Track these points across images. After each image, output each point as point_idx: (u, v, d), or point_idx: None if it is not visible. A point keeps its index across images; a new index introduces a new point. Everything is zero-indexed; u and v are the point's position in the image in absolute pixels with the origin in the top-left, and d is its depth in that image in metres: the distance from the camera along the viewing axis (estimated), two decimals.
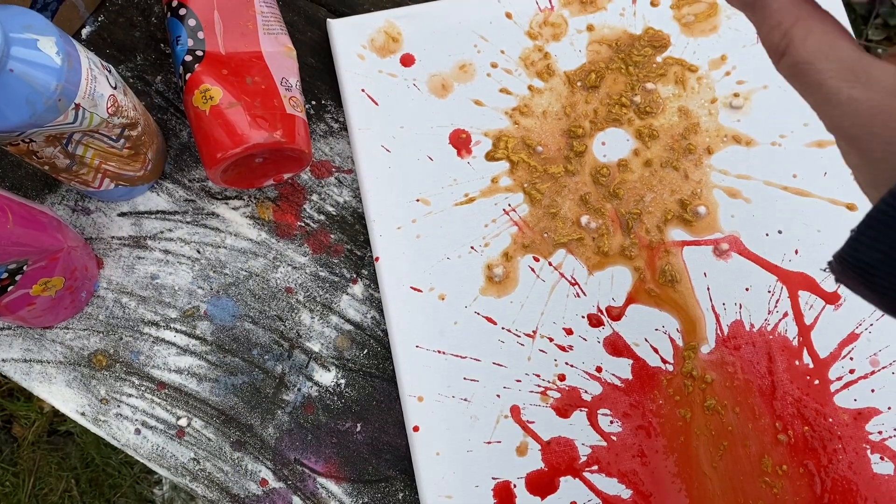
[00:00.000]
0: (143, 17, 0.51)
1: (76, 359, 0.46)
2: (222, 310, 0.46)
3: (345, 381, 0.45)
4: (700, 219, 0.46)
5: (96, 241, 0.47)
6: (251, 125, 0.42)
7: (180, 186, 0.48)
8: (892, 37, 1.10)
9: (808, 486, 0.43)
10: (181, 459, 0.44)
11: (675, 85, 0.49)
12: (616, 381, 0.44)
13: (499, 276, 0.45)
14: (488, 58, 0.49)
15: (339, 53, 0.48)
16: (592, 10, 0.50)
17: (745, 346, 0.44)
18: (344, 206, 0.48)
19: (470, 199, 0.47)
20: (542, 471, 0.43)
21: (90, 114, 0.38)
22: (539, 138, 0.48)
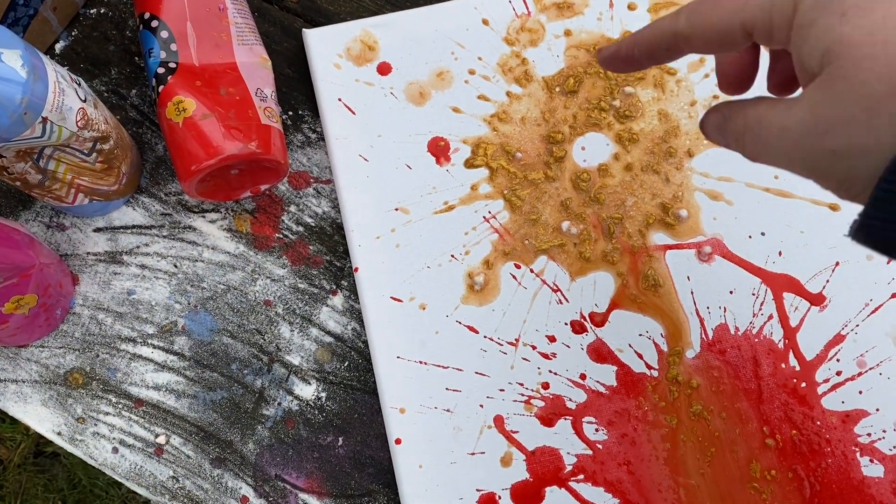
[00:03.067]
0: (117, 30, 0.50)
1: (52, 377, 0.45)
2: (200, 324, 0.46)
3: (326, 395, 0.45)
4: (682, 222, 0.46)
5: (72, 257, 0.46)
6: (225, 136, 0.42)
7: (156, 200, 0.48)
8: None
9: (797, 490, 0.42)
10: (160, 478, 0.44)
11: (654, 88, 0.48)
12: (601, 388, 0.44)
13: (480, 284, 0.45)
14: (466, 65, 0.49)
15: (315, 63, 0.48)
16: (569, 14, 0.50)
17: (730, 349, 0.44)
18: (322, 216, 0.47)
19: (449, 206, 0.46)
20: (528, 481, 0.42)
21: (59, 127, 0.37)
22: (518, 144, 0.47)
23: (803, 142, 0.23)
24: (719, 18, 0.25)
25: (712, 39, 0.26)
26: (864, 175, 0.21)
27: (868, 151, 0.21)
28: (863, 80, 0.20)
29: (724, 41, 0.26)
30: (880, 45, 0.20)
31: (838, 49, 0.21)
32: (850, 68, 0.21)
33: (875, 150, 0.21)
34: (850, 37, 0.20)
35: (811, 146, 0.22)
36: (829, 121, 0.21)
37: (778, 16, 0.23)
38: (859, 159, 0.21)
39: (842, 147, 0.21)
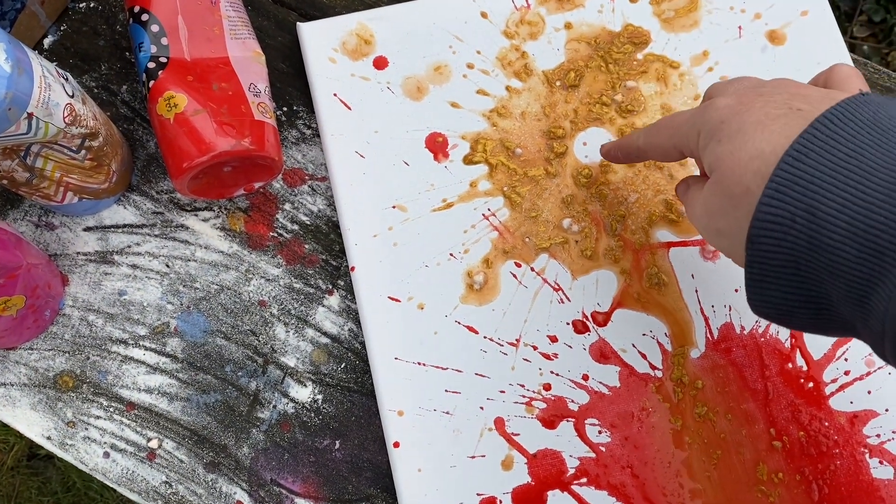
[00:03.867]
0: (107, 25, 0.49)
1: (41, 380, 0.44)
2: (193, 325, 0.45)
3: (322, 397, 0.44)
4: (686, 218, 0.45)
5: (61, 257, 0.45)
6: (217, 132, 0.41)
7: (148, 199, 0.46)
8: (877, 33, 1.09)
9: (805, 493, 0.41)
10: (152, 483, 0.42)
11: (656, 82, 0.47)
12: (603, 389, 0.42)
13: (479, 283, 0.44)
14: (464, 58, 0.47)
15: (309, 57, 0.47)
16: (570, 7, 0.48)
17: (735, 349, 0.43)
18: (318, 214, 0.46)
19: (448, 204, 0.45)
20: (529, 485, 0.41)
21: (45, 124, 0.36)
22: (518, 140, 0.46)
23: (702, 219, 0.32)
24: (661, 141, 0.36)
25: (660, 154, 0.37)
26: (736, 248, 0.29)
27: (735, 232, 0.29)
28: (727, 184, 0.29)
29: (666, 156, 0.36)
30: (736, 161, 0.28)
31: (715, 163, 0.30)
32: (722, 175, 0.29)
33: (739, 231, 0.29)
34: (721, 155, 0.29)
35: (706, 223, 0.32)
36: (714, 208, 0.30)
37: (692, 143, 0.33)
38: (732, 237, 0.30)
39: (722, 227, 0.30)
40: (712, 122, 0.31)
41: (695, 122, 0.32)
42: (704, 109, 0.32)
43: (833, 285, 0.26)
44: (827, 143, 0.26)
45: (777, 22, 0.48)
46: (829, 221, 0.25)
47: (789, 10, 0.48)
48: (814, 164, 0.26)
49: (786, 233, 0.26)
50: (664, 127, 0.36)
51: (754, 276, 0.28)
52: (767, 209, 0.27)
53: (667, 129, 0.35)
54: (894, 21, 1.05)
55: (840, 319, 0.27)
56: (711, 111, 0.31)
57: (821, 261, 0.26)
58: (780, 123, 0.28)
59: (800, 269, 0.27)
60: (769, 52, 0.48)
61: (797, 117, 0.28)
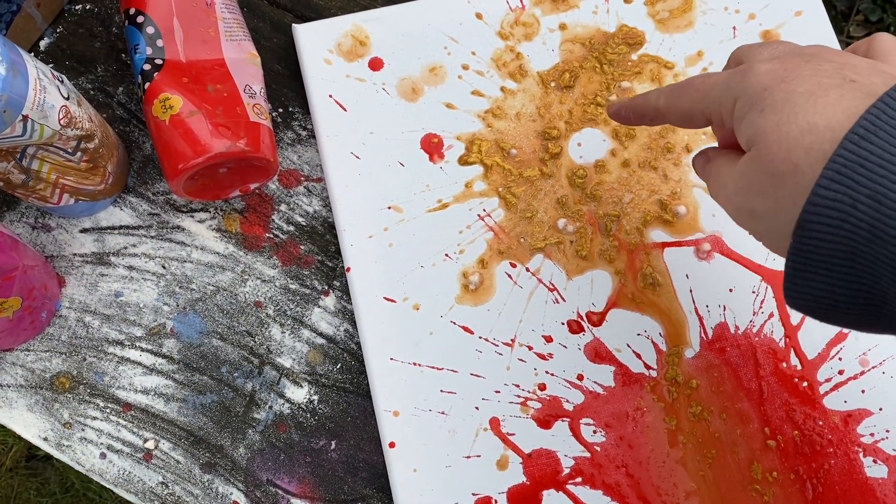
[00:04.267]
0: (103, 27, 0.49)
1: (38, 382, 0.44)
2: (189, 326, 0.45)
3: (318, 398, 0.44)
4: (680, 219, 0.45)
5: (58, 258, 0.45)
6: (213, 134, 0.41)
7: (144, 200, 0.47)
8: (873, 33, 1.09)
9: (799, 492, 0.41)
10: (149, 484, 0.43)
11: (651, 83, 0.47)
12: (598, 388, 0.43)
13: (475, 283, 0.44)
14: (459, 60, 0.48)
15: (305, 59, 0.47)
16: (564, 8, 0.49)
17: (730, 349, 0.43)
18: (314, 215, 0.46)
19: (443, 205, 0.45)
20: (524, 485, 0.41)
21: (41, 126, 0.36)
22: (513, 141, 0.46)
23: (735, 198, 0.29)
24: (686, 105, 0.32)
25: (682, 120, 0.33)
26: (775, 232, 0.27)
27: (776, 214, 0.27)
28: (771, 160, 0.26)
29: (691, 122, 0.32)
30: (783, 136, 0.26)
31: (757, 137, 0.27)
32: (764, 150, 0.26)
33: (779, 214, 0.26)
34: (764, 127, 0.26)
35: (740, 203, 0.29)
36: (751, 187, 0.28)
37: (724, 110, 0.29)
38: (769, 220, 0.27)
39: (759, 208, 0.27)
40: (753, 88, 0.27)
41: (731, 86, 0.29)
42: (743, 74, 0.28)
43: (893, 280, 0.24)
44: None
45: (771, 22, 0.48)
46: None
47: (783, 11, 0.49)
48: (883, 143, 0.23)
49: (844, 220, 0.24)
50: (690, 89, 0.32)
51: (798, 265, 0.26)
52: (825, 192, 0.24)
53: (694, 91, 0.31)
54: (891, 20, 1.05)
55: (890, 316, 0.25)
56: (752, 76, 0.28)
57: (882, 253, 0.24)
58: (835, 95, 0.25)
59: (856, 261, 0.24)
60: None
61: (853, 90, 0.25)
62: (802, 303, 0.27)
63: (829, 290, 0.26)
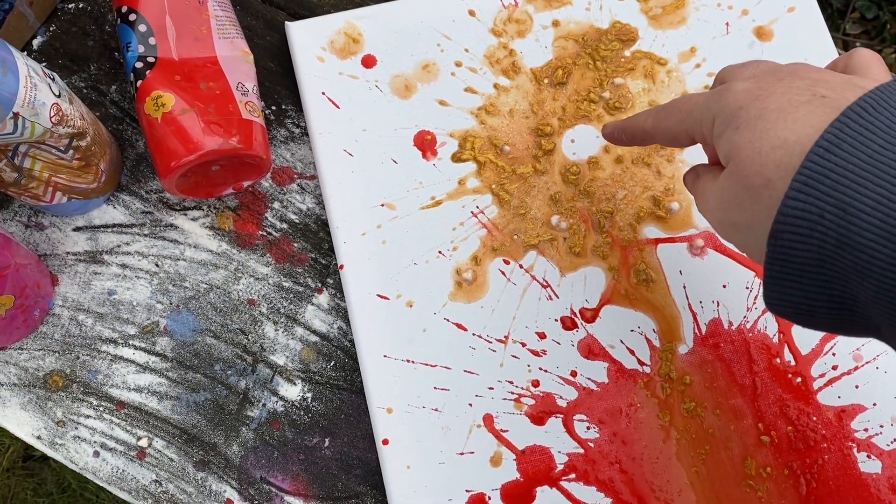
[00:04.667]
0: (96, 25, 0.49)
1: (31, 380, 0.44)
2: (182, 325, 0.45)
3: (311, 395, 0.44)
4: (674, 215, 0.45)
5: (51, 257, 0.45)
6: (205, 131, 0.41)
7: (137, 198, 0.47)
8: (870, 30, 1.09)
9: (793, 487, 0.41)
10: (142, 482, 0.43)
11: (644, 79, 0.47)
12: (592, 385, 0.43)
13: (468, 280, 0.44)
14: (452, 57, 0.48)
15: (297, 56, 0.47)
16: (558, 5, 0.49)
17: (724, 344, 0.43)
18: (307, 213, 0.46)
19: (436, 202, 0.45)
20: (518, 481, 0.41)
21: (31, 123, 0.36)
22: (506, 138, 0.46)
23: (717, 212, 0.30)
24: (671, 125, 0.34)
25: (669, 140, 0.35)
26: (753, 244, 0.28)
27: (752, 225, 0.28)
28: (745, 174, 0.27)
29: (676, 141, 0.34)
30: (756, 150, 0.27)
31: (733, 153, 0.28)
32: (740, 165, 0.28)
33: (756, 226, 0.27)
34: (739, 144, 0.28)
35: (721, 217, 0.30)
36: (730, 201, 0.29)
37: (705, 129, 0.31)
38: (748, 231, 0.28)
39: (737, 221, 0.29)
40: (729, 107, 0.29)
41: (709, 106, 0.30)
42: (721, 94, 0.30)
43: (861, 286, 0.25)
44: (860, 133, 0.25)
45: (764, 18, 0.48)
46: (861, 218, 0.24)
47: (776, 6, 0.49)
48: (846, 155, 0.24)
49: (812, 229, 0.25)
50: (674, 110, 0.34)
51: (774, 274, 0.27)
52: (794, 203, 0.25)
53: (677, 112, 0.33)
54: (886, 18, 1.05)
55: (864, 320, 0.26)
56: (728, 96, 0.29)
57: (849, 259, 0.24)
58: (805, 111, 0.26)
59: (825, 268, 0.25)
60: (756, 49, 0.48)
61: (822, 105, 0.26)
62: (781, 308, 0.28)
63: (804, 297, 0.27)
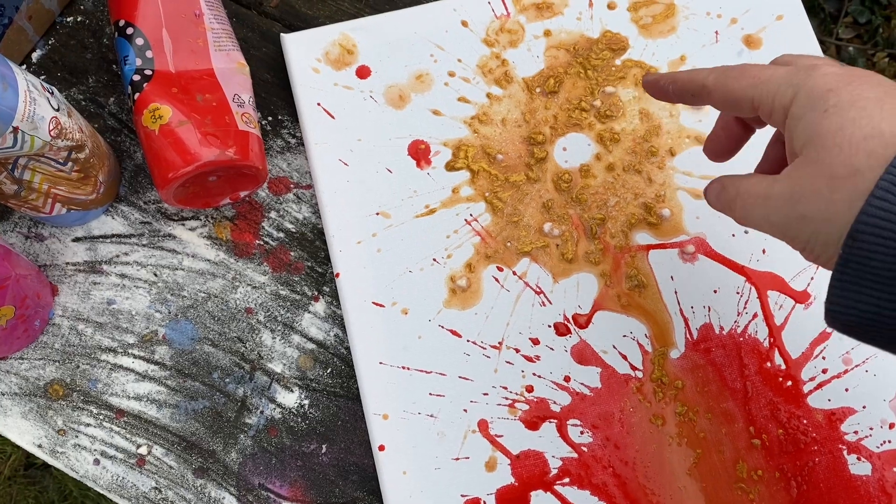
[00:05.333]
0: (94, 38, 0.50)
1: (32, 389, 0.44)
2: (181, 333, 0.45)
3: (308, 402, 0.44)
4: (665, 221, 0.46)
5: (50, 267, 0.46)
6: (202, 143, 0.41)
7: (135, 209, 0.47)
8: (862, 34, 1.10)
9: (784, 490, 0.42)
10: (142, 489, 0.43)
11: (635, 87, 0.48)
12: (585, 390, 0.43)
13: (462, 287, 0.45)
14: (445, 67, 0.48)
15: (293, 67, 0.48)
16: (549, 15, 0.49)
17: (715, 349, 0.44)
18: (303, 222, 0.47)
19: (431, 210, 0.46)
20: (513, 486, 0.42)
21: (31, 137, 0.37)
22: (499, 146, 0.47)
23: (780, 207, 0.28)
24: (738, 88, 0.31)
25: (728, 102, 0.32)
26: (823, 239, 0.26)
27: (828, 219, 0.26)
28: (830, 163, 0.25)
29: (736, 106, 0.31)
30: (846, 139, 0.25)
31: (817, 138, 0.26)
32: (823, 153, 0.26)
33: (833, 218, 0.25)
34: (826, 129, 0.26)
35: (786, 211, 0.27)
36: (803, 191, 0.26)
37: (778, 103, 0.28)
38: (821, 224, 0.26)
39: (809, 213, 0.26)
40: (818, 87, 0.27)
41: (793, 81, 0.28)
42: (808, 70, 0.28)
43: None
44: None
45: (753, 27, 0.49)
46: None
47: (765, 15, 0.49)
48: None
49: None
50: (747, 73, 0.31)
51: (846, 278, 0.25)
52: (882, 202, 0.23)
53: (750, 76, 0.30)
54: (879, 22, 1.06)
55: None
56: (817, 75, 0.27)
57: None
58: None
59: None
60: (745, 56, 0.49)
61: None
62: (844, 318, 0.26)
63: (875, 305, 0.25)
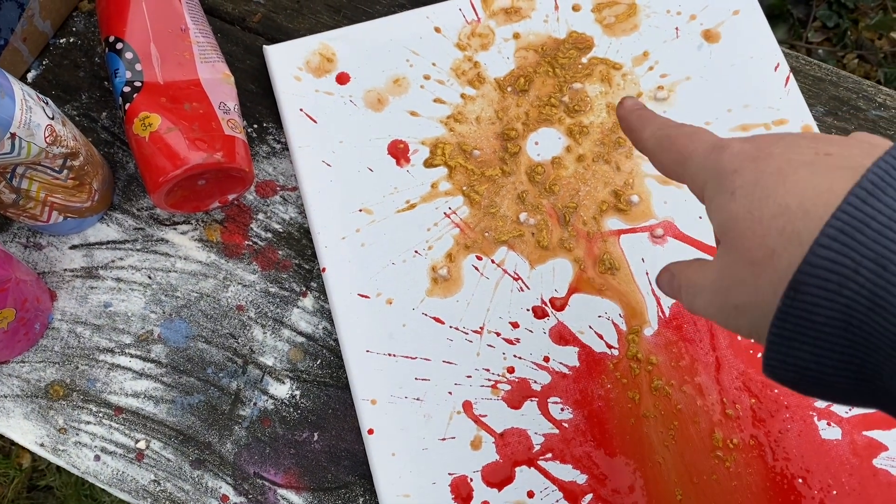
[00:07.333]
0: (86, 57, 0.52)
1: (33, 391, 0.46)
2: (175, 332, 0.47)
3: (300, 393, 0.46)
4: (634, 207, 0.48)
5: (49, 274, 0.48)
6: (190, 147, 0.44)
7: (129, 216, 0.49)
8: (832, 38, 1.14)
9: (759, 457, 0.43)
10: (142, 482, 0.45)
11: (601, 83, 0.51)
12: (564, 369, 0.45)
13: (443, 276, 0.47)
14: (421, 70, 0.51)
15: (276, 77, 0.50)
16: (517, 18, 0.52)
17: (686, 325, 0.46)
18: (290, 222, 0.49)
19: (411, 205, 0.48)
20: (498, 462, 0.43)
21: (28, 143, 0.39)
22: (474, 143, 0.49)
23: (715, 300, 0.27)
24: (666, 161, 0.31)
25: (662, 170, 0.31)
26: (762, 325, 0.25)
27: (758, 305, 0.25)
28: (747, 248, 0.24)
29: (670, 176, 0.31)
30: (756, 220, 0.24)
31: (729, 223, 0.25)
32: (738, 239, 0.25)
33: (762, 304, 0.24)
34: (736, 213, 0.25)
35: (721, 302, 0.27)
36: (730, 282, 0.26)
37: (697, 185, 0.28)
38: (754, 312, 0.25)
39: (741, 302, 0.26)
40: (724, 170, 0.26)
41: (705, 165, 0.28)
42: (718, 151, 0.27)
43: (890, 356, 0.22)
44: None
45: (711, 22, 0.52)
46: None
47: (722, 10, 0.52)
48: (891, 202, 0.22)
49: (843, 284, 0.22)
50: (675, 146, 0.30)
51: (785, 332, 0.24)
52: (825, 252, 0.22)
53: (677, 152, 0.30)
54: (846, 25, 1.10)
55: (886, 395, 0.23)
56: (724, 156, 0.27)
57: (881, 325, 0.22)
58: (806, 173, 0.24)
59: (850, 332, 0.22)
60: (705, 50, 0.51)
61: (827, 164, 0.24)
62: (783, 374, 0.25)
63: (815, 362, 0.24)
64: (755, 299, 0.25)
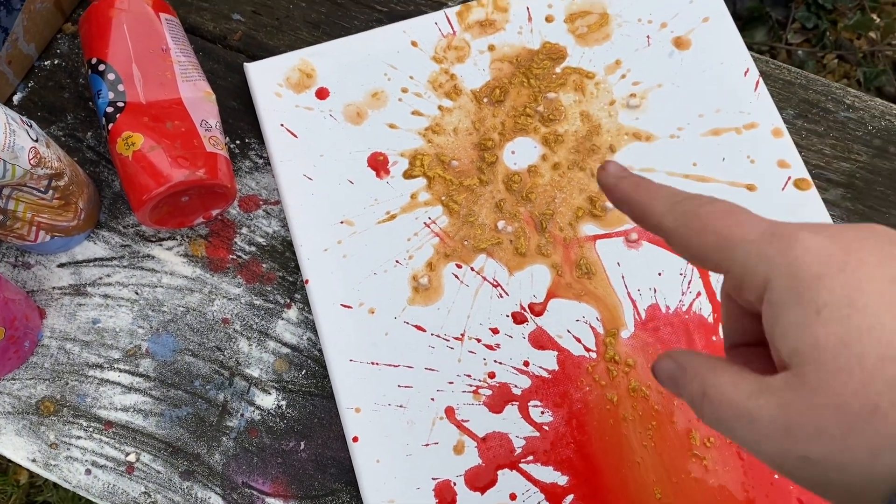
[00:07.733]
0: (70, 79, 0.54)
1: (24, 408, 0.47)
2: (163, 346, 0.48)
3: (286, 403, 0.47)
4: (609, 212, 0.49)
5: (38, 293, 0.49)
6: (172, 165, 0.45)
7: (115, 233, 0.50)
8: (811, 38, 1.15)
9: (736, 455, 0.44)
10: (132, 494, 0.45)
11: (574, 92, 0.52)
12: (544, 373, 0.46)
13: (424, 285, 0.48)
14: (398, 84, 0.52)
15: (257, 93, 0.51)
16: (492, 31, 0.53)
17: (663, 327, 0.47)
18: (273, 235, 0.50)
19: (391, 216, 0.49)
20: (480, 466, 0.44)
21: (12, 166, 0.40)
22: (452, 153, 0.51)
23: (774, 439, 0.21)
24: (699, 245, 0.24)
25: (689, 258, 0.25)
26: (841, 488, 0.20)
27: (843, 467, 0.20)
28: (837, 393, 0.19)
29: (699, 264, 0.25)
30: (855, 358, 0.19)
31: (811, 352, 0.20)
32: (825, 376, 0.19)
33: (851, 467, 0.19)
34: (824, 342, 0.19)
35: (781, 446, 0.21)
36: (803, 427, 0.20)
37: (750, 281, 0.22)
38: (833, 472, 0.20)
39: (815, 456, 0.20)
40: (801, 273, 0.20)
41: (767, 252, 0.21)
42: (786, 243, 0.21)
43: None
44: None
45: (682, 29, 0.53)
46: None
47: (692, 18, 0.53)
48: None
49: None
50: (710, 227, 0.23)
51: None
52: None
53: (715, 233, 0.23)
54: (825, 26, 1.12)
55: None
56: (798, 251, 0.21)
57: None
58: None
59: None
60: (676, 57, 0.52)
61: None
62: None
63: None
64: (840, 459, 0.19)
